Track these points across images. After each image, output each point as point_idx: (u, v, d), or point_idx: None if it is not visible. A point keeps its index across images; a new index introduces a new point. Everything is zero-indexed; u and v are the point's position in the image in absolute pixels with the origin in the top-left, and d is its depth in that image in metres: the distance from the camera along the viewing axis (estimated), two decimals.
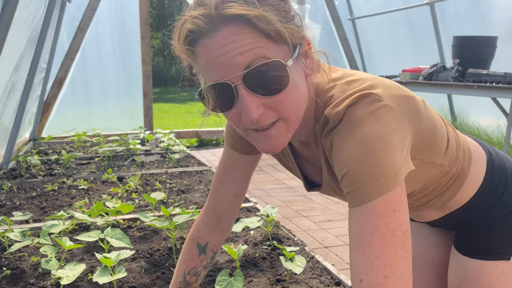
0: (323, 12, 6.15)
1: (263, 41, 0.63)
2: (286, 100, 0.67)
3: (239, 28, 0.63)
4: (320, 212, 3.09)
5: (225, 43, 0.63)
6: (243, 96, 0.65)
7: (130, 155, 3.81)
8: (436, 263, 1.08)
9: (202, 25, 0.63)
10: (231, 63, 0.63)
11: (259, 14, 0.62)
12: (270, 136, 0.69)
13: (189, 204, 2.45)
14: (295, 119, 0.71)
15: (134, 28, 5.27)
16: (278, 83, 0.65)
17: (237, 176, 0.97)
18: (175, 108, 11.80)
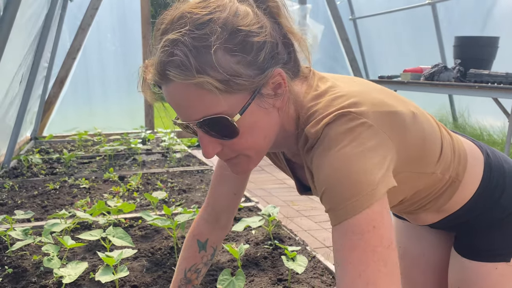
0: (324, 12, 6.15)
1: (210, 97, 0.64)
2: (241, 142, 0.70)
3: (184, 86, 0.64)
4: (321, 211, 3.09)
5: (176, 97, 0.67)
6: (201, 136, 0.70)
7: (131, 154, 3.81)
8: (437, 264, 1.08)
9: (156, 78, 0.67)
10: (186, 113, 0.68)
11: (197, 82, 0.63)
12: (234, 163, 0.74)
13: (191, 203, 2.45)
14: (257, 153, 0.73)
15: (135, 27, 5.27)
16: (228, 133, 0.68)
17: (234, 176, 0.97)
18: None
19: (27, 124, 4.39)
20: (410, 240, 1.11)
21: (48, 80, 4.76)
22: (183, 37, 0.63)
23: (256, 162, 0.74)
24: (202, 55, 0.63)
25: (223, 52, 0.64)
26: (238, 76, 0.64)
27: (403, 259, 1.13)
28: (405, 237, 1.13)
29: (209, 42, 0.63)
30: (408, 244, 1.12)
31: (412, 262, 1.11)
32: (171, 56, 0.63)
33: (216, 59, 0.63)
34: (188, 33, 0.63)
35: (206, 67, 0.63)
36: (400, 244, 1.13)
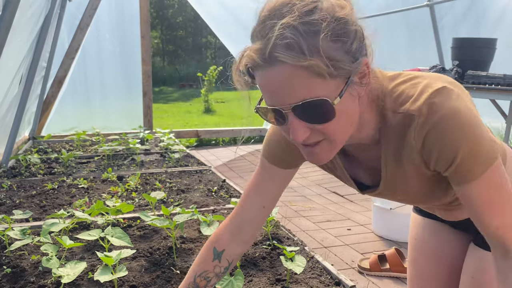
0: None
1: (314, 80, 0.68)
2: (331, 127, 0.73)
3: (290, 69, 0.67)
4: (320, 212, 3.10)
5: (276, 82, 0.69)
6: (292, 121, 0.73)
7: (130, 154, 3.81)
8: (450, 260, 1.13)
9: (257, 61, 0.69)
10: (283, 97, 0.70)
11: (308, 64, 0.66)
12: (314, 152, 0.78)
13: (189, 203, 2.45)
14: (340, 141, 0.77)
15: (134, 27, 5.26)
16: (324, 117, 0.72)
17: (270, 188, 0.99)
18: (175, 107, 11.80)
19: (25, 123, 4.39)
20: (427, 234, 1.17)
21: (47, 80, 4.76)
22: (294, 21, 0.67)
23: (335, 151, 0.78)
24: (311, 39, 0.67)
25: (327, 38, 0.67)
26: (339, 62, 0.68)
27: (416, 250, 1.19)
28: (422, 230, 1.18)
29: (317, 28, 0.67)
30: (424, 238, 1.17)
31: (425, 255, 1.17)
32: (282, 39, 0.66)
33: (323, 44, 0.67)
34: (298, 18, 0.67)
35: (314, 51, 0.66)
36: (416, 237, 1.20)
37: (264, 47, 0.68)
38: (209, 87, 10.01)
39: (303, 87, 0.68)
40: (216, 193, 2.67)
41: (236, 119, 9.48)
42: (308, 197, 3.50)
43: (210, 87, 10.01)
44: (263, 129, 6.07)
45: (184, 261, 1.73)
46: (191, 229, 2.07)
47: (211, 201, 2.50)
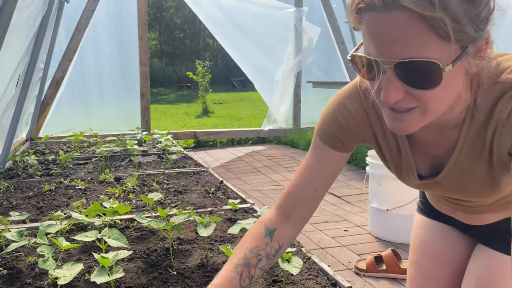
0: (320, 14, 6.18)
1: (430, 38, 0.61)
2: (430, 96, 0.67)
3: (409, 18, 0.61)
4: (317, 213, 3.10)
5: (390, 28, 0.62)
6: (389, 78, 0.66)
7: (128, 156, 3.81)
8: (454, 262, 1.12)
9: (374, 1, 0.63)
10: (389, 48, 0.64)
11: (435, 16, 0.59)
12: (402, 119, 0.70)
13: (186, 204, 2.45)
14: (434, 113, 0.70)
15: (132, 29, 5.27)
16: (428, 82, 0.65)
17: (323, 171, 0.93)
18: (172, 109, 11.80)
19: (23, 125, 4.38)
20: (434, 236, 1.15)
21: (44, 81, 4.76)
22: None
23: (425, 123, 0.71)
24: None
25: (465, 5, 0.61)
26: (464, 26, 0.62)
27: (420, 252, 1.17)
28: (429, 232, 1.16)
29: None
30: (430, 239, 1.16)
31: (431, 257, 1.15)
32: None
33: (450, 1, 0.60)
34: None
35: (443, 4, 0.59)
36: (421, 238, 1.18)
37: None
38: (205, 87, 10.00)
39: (417, 42, 0.61)
40: (214, 195, 2.67)
41: (234, 120, 9.49)
42: None
43: (206, 87, 10.00)
44: (260, 131, 6.07)
45: (181, 263, 1.73)
46: (188, 231, 2.07)
47: (209, 203, 2.50)
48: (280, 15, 5.76)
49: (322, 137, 0.93)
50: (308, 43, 5.71)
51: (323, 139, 0.93)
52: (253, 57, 5.79)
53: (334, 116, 0.91)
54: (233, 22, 5.60)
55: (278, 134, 6.12)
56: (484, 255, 1.02)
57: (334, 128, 0.91)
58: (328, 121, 0.92)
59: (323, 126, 0.93)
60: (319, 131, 0.94)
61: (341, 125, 0.90)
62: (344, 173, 4.28)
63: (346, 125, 0.90)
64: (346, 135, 0.91)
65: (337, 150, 0.93)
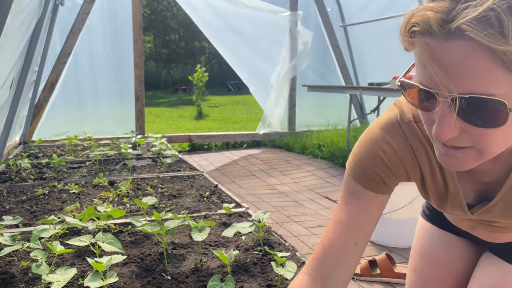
0: (315, 18, 6.21)
1: (497, 72, 0.53)
2: (491, 135, 0.59)
3: (474, 50, 0.53)
4: (311, 217, 3.11)
5: (449, 58, 0.55)
6: (444, 113, 0.58)
7: (122, 159, 3.80)
8: (458, 272, 1.10)
9: (433, 27, 0.55)
10: (447, 80, 0.56)
11: (506, 50, 0.51)
12: (455, 156, 0.63)
13: (181, 209, 2.45)
14: (492, 154, 0.62)
15: (127, 32, 5.27)
16: (490, 122, 0.57)
17: (365, 220, 0.81)
18: (167, 112, 11.78)
19: (16, 128, 4.36)
20: (439, 246, 1.12)
21: (38, 84, 4.74)
22: None
23: (482, 161, 0.64)
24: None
25: None
26: None
27: (424, 260, 1.14)
28: (434, 241, 1.13)
29: None
30: (436, 248, 1.12)
31: (434, 266, 1.12)
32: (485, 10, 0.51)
33: None
34: None
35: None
36: (426, 246, 1.14)
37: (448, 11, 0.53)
38: (200, 90, 10.01)
39: (481, 77, 0.53)
40: (208, 199, 2.67)
41: (229, 123, 9.49)
42: (300, 202, 3.51)
43: (201, 91, 10.00)
44: (255, 134, 6.08)
45: (175, 267, 1.73)
46: (183, 235, 2.07)
47: (203, 207, 2.50)
48: (275, 19, 5.78)
49: (361, 179, 0.81)
50: (303, 47, 5.74)
51: (362, 182, 0.81)
52: (248, 60, 5.80)
53: (375, 153, 0.80)
54: (228, 26, 5.61)
55: (273, 137, 6.13)
56: (495, 265, 0.99)
57: (376, 168, 0.80)
58: (368, 160, 0.80)
59: (362, 166, 0.81)
60: (356, 173, 0.81)
61: (384, 164, 0.80)
62: (338, 177, 4.29)
63: (390, 164, 0.80)
64: (390, 176, 0.81)
65: (379, 193, 0.81)
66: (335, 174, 4.41)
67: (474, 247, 1.10)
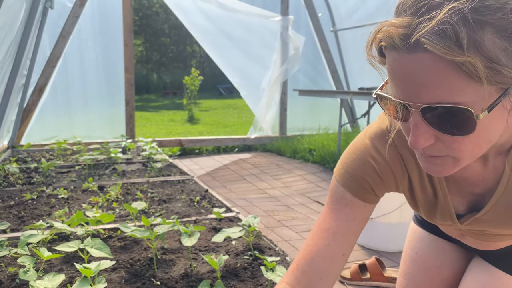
0: (306, 23, 6.25)
1: (461, 81, 0.54)
2: (465, 142, 0.60)
3: (435, 61, 0.54)
4: (302, 222, 3.11)
5: (414, 71, 0.56)
6: (416, 123, 0.60)
7: (111, 164, 3.77)
8: (448, 277, 1.11)
9: (396, 41, 0.57)
10: (415, 91, 0.58)
11: (462, 61, 0.52)
12: (434, 163, 0.65)
13: (171, 214, 2.44)
14: (468, 159, 0.64)
15: (117, 35, 5.25)
16: (460, 129, 0.58)
17: (353, 229, 0.81)
18: (158, 116, 11.74)
19: (4, 132, 4.31)
20: (430, 251, 1.13)
21: (27, 88, 4.69)
22: (462, 4, 0.52)
23: (459, 167, 0.65)
24: (474, 30, 0.52)
25: (493, 33, 0.53)
26: (502, 66, 0.54)
27: (416, 265, 1.15)
28: (425, 246, 1.14)
29: (486, 18, 0.53)
30: (426, 253, 1.13)
31: (425, 271, 1.13)
32: (438, 23, 0.52)
33: (486, 40, 0.53)
34: (469, 2, 0.52)
35: (474, 45, 0.52)
36: (417, 251, 1.15)
37: (409, 26, 0.55)
38: (192, 94, 9.99)
39: (446, 86, 0.55)
40: (198, 203, 2.66)
41: (220, 127, 9.48)
42: (291, 206, 3.52)
43: (193, 94, 9.99)
44: (247, 138, 6.08)
45: (164, 272, 1.72)
46: (172, 240, 2.06)
47: (193, 211, 2.49)
48: (266, 23, 5.80)
49: (351, 186, 0.80)
50: (294, 51, 5.76)
51: (352, 189, 0.80)
52: (239, 64, 5.81)
53: (365, 161, 0.80)
54: (219, 30, 5.62)
55: (265, 142, 6.13)
56: (484, 271, 1.01)
57: (367, 176, 0.80)
58: (359, 167, 0.80)
59: (352, 172, 0.80)
60: (345, 179, 0.81)
61: (374, 171, 0.80)
62: (329, 181, 4.30)
63: (380, 172, 0.80)
64: (380, 184, 0.81)
65: (367, 202, 0.81)
66: (326, 178, 4.42)
67: (465, 252, 1.11)
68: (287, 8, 5.94)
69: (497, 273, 0.99)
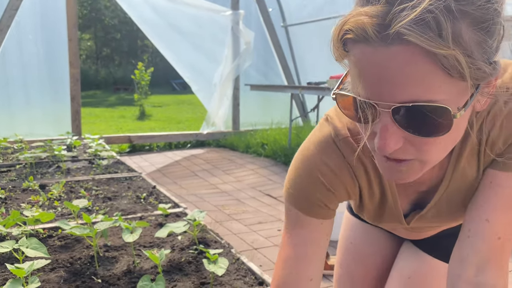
0: (257, 18, 6.27)
1: (439, 78, 0.50)
2: (433, 143, 0.56)
3: (414, 55, 0.49)
4: (252, 215, 3.14)
5: (388, 66, 0.51)
6: (385, 125, 0.54)
7: (56, 162, 3.63)
8: (382, 264, 1.15)
9: (370, 32, 0.50)
10: (386, 89, 0.52)
11: (447, 54, 0.48)
12: (399, 170, 0.60)
13: (116, 211, 2.39)
14: (434, 162, 0.61)
15: (61, 30, 5.04)
16: (435, 130, 0.54)
17: (316, 252, 0.76)
18: (108, 112, 11.41)
19: None
20: (364, 239, 1.15)
21: None
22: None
23: (423, 172, 0.61)
24: (455, 22, 0.48)
25: (469, 26, 0.50)
26: (476, 61, 0.50)
27: (350, 254, 1.18)
28: (359, 235, 1.16)
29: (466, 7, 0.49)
30: (360, 242, 1.16)
31: (359, 259, 1.16)
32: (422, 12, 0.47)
33: (463, 32, 0.49)
34: None
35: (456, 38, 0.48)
36: (352, 240, 1.17)
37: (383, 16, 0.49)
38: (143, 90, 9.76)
39: (423, 83, 0.50)
40: (145, 200, 2.62)
41: (173, 123, 9.36)
42: (242, 200, 3.54)
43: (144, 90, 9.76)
44: (199, 134, 6.04)
45: (106, 270, 1.68)
46: (117, 237, 2.01)
47: (139, 208, 2.45)
48: (217, 18, 5.77)
49: (302, 206, 0.75)
50: (246, 46, 5.77)
51: (304, 209, 0.75)
52: (190, 59, 5.76)
53: (313, 177, 0.74)
54: (169, 24, 5.53)
55: (218, 137, 6.12)
56: (414, 256, 1.04)
57: (317, 193, 0.74)
58: (307, 185, 0.75)
59: (301, 192, 0.75)
60: (295, 200, 0.76)
61: (324, 186, 0.74)
62: (281, 174, 4.36)
63: (330, 185, 0.74)
64: (332, 198, 0.76)
65: (323, 219, 0.76)
66: (277, 172, 4.48)
67: (396, 239, 1.16)
68: (238, 3, 5.94)
69: (425, 258, 1.04)
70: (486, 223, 0.68)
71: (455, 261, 0.72)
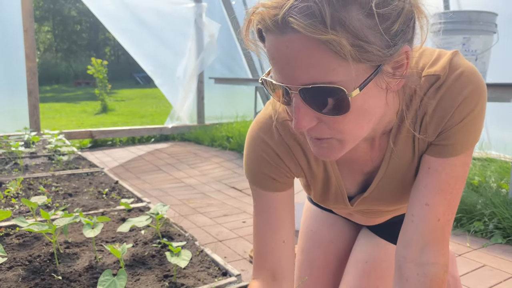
0: (220, 11, 6.24)
1: (332, 60, 0.55)
2: (345, 122, 0.61)
3: (304, 40, 0.54)
4: (217, 208, 3.15)
5: (287, 51, 0.56)
6: (297, 105, 0.60)
7: (13, 158, 3.51)
8: (341, 249, 1.19)
9: (267, 22, 0.56)
10: (291, 73, 0.57)
11: (326, 38, 0.53)
12: (321, 147, 0.66)
13: (76, 207, 2.34)
14: (354, 139, 0.65)
15: (16, 21, 4.83)
16: (336, 109, 0.59)
17: (279, 218, 0.83)
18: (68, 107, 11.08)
19: None
20: (323, 227, 1.19)
21: None
22: None
23: (347, 149, 0.66)
24: (339, 8, 0.52)
25: (358, 11, 0.53)
26: (369, 44, 0.54)
27: (311, 241, 1.21)
28: (318, 222, 1.20)
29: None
30: (320, 229, 1.19)
31: (319, 245, 1.19)
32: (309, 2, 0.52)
33: (350, 17, 0.53)
34: None
35: (338, 23, 0.52)
36: (312, 228, 1.21)
37: (280, 7, 0.54)
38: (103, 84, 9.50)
39: (317, 66, 0.55)
40: (107, 195, 2.58)
41: (137, 118, 9.20)
42: (207, 194, 3.54)
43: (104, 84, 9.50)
44: (163, 128, 5.97)
45: (67, 266, 1.66)
46: (78, 233, 1.98)
47: (101, 204, 2.41)
48: (180, 10, 5.70)
49: (256, 182, 0.83)
50: (210, 39, 5.73)
51: (258, 184, 0.83)
52: (153, 52, 5.66)
53: (257, 155, 0.81)
54: (130, 16, 5.42)
55: (183, 131, 6.07)
56: (370, 242, 1.09)
57: (264, 169, 0.81)
58: (254, 163, 0.82)
59: (252, 170, 0.83)
60: (250, 177, 0.84)
61: (268, 163, 0.81)
62: None
63: (273, 162, 0.81)
64: (278, 173, 0.81)
65: (278, 191, 0.83)
66: (242, 165, 4.51)
67: (355, 225, 1.21)
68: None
69: (381, 243, 1.08)
70: (426, 207, 0.73)
71: (401, 244, 0.78)
